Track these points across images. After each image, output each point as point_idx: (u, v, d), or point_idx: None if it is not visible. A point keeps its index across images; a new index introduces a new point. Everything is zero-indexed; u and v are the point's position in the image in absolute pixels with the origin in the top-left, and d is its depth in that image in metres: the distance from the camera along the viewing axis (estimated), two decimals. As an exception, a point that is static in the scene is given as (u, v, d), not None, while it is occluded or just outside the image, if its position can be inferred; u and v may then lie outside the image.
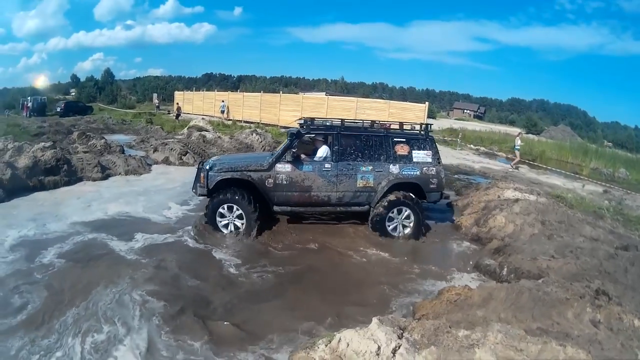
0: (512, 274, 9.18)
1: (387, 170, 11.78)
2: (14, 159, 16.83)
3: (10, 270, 8.81)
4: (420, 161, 12.01)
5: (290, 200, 11.79)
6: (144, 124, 41.77)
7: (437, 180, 12.01)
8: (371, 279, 9.32)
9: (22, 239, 10.48)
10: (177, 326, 7.03)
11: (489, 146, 33.14)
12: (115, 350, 6.38)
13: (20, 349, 6.40)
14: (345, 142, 11.88)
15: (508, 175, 21.43)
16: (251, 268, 9.55)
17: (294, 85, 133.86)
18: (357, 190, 11.78)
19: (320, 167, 11.68)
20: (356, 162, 11.76)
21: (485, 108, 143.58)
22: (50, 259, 9.42)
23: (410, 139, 12.19)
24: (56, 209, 13.07)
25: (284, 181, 11.55)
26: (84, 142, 24.36)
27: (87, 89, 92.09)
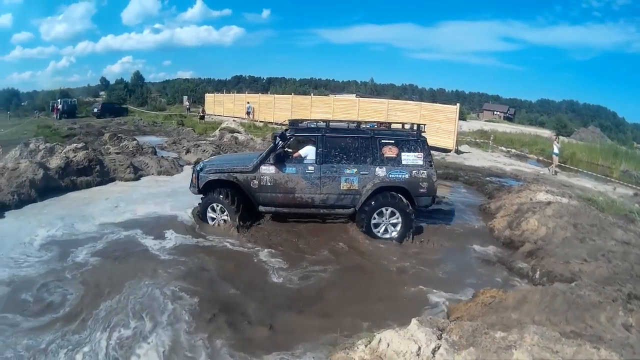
0: (544, 277, 9.20)
1: (373, 173, 11.78)
2: (45, 159, 17.26)
3: (45, 269, 9.22)
4: (409, 164, 11.86)
5: (274, 201, 12.20)
6: (175, 126, 41.99)
7: (427, 184, 11.82)
8: (404, 282, 9.42)
9: (52, 239, 10.93)
10: (205, 326, 7.24)
11: (520, 148, 32.65)
12: (138, 348, 6.63)
13: (50, 342, 6.71)
14: (329, 144, 12.01)
15: (539, 177, 21.25)
16: (291, 269, 9.72)
17: (324, 87, 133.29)
18: (341, 193, 11.91)
19: (303, 170, 11.94)
20: (340, 165, 11.88)
21: (515, 109, 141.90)
22: (83, 258, 9.84)
23: (400, 140, 12.03)
24: (85, 209, 13.51)
25: (268, 182, 11.99)
26: (115, 143, 24.79)
27: (117, 91, 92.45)
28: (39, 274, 9.02)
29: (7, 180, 15.00)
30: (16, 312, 7.55)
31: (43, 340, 6.77)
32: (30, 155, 18.60)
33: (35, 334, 6.93)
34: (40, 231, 11.36)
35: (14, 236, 11.02)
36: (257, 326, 7.38)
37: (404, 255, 10.75)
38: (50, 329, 7.08)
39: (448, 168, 22.17)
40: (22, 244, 10.50)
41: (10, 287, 8.45)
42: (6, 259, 9.62)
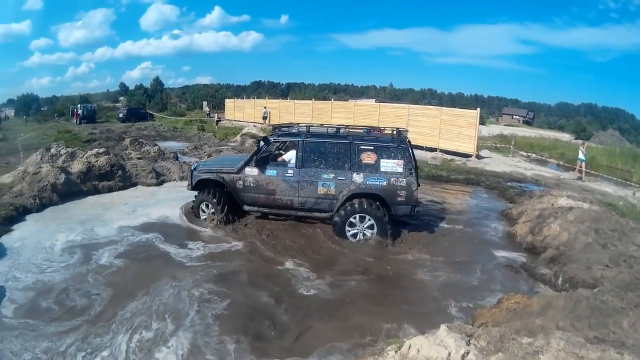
0: (567, 283, 9.21)
1: (350, 179, 11.97)
2: (67, 164, 17.49)
3: (70, 274, 9.44)
4: (388, 171, 11.85)
5: (257, 202, 12.95)
6: (196, 132, 41.95)
7: (406, 192, 11.74)
8: (430, 286, 9.51)
9: (72, 243, 11.17)
10: (226, 329, 7.43)
11: (540, 153, 32.54)
12: (158, 352, 6.79)
13: (70, 345, 6.86)
14: (309, 149, 12.40)
15: (560, 182, 21.26)
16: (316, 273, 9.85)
17: (343, 92, 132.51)
18: (319, 197, 12.28)
19: (283, 173, 12.50)
20: (318, 170, 12.24)
21: (534, 113, 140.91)
22: (106, 261, 10.15)
23: (379, 147, 12.02)
24: (103, 214, 13.82)
25: (251, 184, 12.76)
26: (136, 148, 24.91)
27: (136, 97, 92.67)
28: (63, 278, 9.26)
29: (28, 185, 15.29)
30: (40, 317, 7.74)
31: (63, 343, 6.93)
32: (52, 160, 18.85)
33: (56, 338, 7.09)
34: (60, 236, 11.64)
35: (34, 241, 11.32)
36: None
37: (426, 262, 10.85)
38: (71, 332, 7.25)
39: (469, 173, 22.24)
40: (44, 249, 10.76)
41: (35, 292, 8.64)
42: (29, 265, 9.85)
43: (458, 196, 18.60)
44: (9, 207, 13.66)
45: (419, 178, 12.66)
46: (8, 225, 12.65)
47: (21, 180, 16.53)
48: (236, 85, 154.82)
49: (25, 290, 8.71)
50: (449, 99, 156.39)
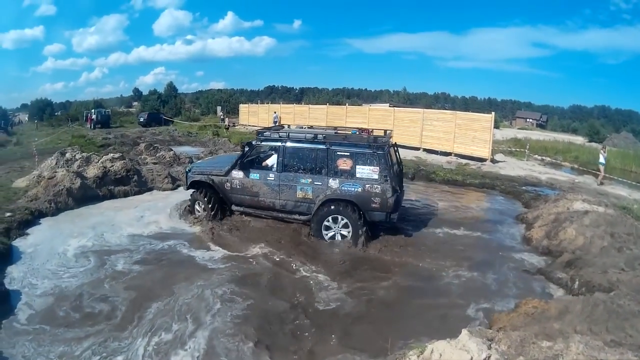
0: (583, 287, 9.19)
1: (327, 184, 12.28)
2: (82, 169, 17.65)
3: (89, 278, 9.67)
4: (364, 177, 11.99)
5: (243, 202, 13.73)
6: (211, 137, 41.92)
7: (380, 199, 11.80)
8: (448, 292, 9.56)
9: (88, 249, 11.41)
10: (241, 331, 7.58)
11: (554, 156, 32.36)
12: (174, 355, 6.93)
13: (86, 349, 6.99)
14: (289, 154, 12.86)
15: (575, 186, 21.14)
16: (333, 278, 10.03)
17: (357, 97, 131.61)
18: (297, 201, 12.73)
19: (265, 176, 13.11)
20: (297, 174, 12.68)
21: (547, 116, 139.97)
22: (123, 267, 10.36)
23: (355, 153, 12.13)
24: (114, 219, 14.03)
25: (238, 186, 13.54)
26: (151, 153, 25.10)
27: (150, 102, 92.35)
28: (80, 283, 9.44)
29: (44, 189, 15.46)
30: (57, 322, 7.86)
31: (80, 347, 7.06)
32: (67, 165, 18.95)
33: (75, 342, 7.21)
34: (72, 241, 11.82)
35: (49, 246, 11.57)
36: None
37: (444, 267, 10.85)
38: (88, 336, 7.38)
39: (484, 178, 22.16)
40: (57, 255, 10.96)
41: (52, 298, 8.79)
42: (44, 271, 10.04)
43: (474, 200, 18.62)
44: (24, 211, 13.87)
45: (403, 181, 13.77)
46: (23, 229, 12.88)
47: (36, 184, 16.74)
48: (250, 90, 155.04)
49: (43, 297, 8.88)
50: (463, 103, 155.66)
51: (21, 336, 7.43)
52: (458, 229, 13.76)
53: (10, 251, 11.23)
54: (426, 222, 14.30)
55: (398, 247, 12.07)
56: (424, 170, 23.56)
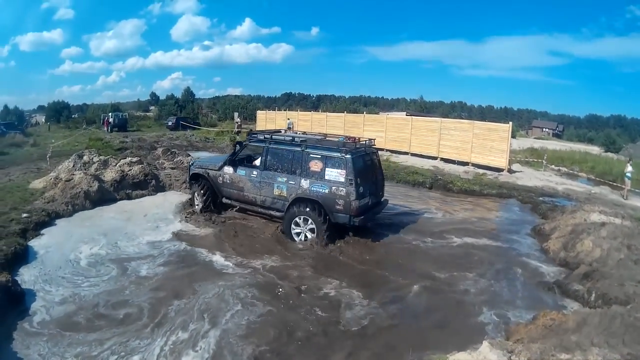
0: (599, 299, 9.17)
1: (299, 183, 13.17)
2: (100, 172, 17.84)
3: (114, 285, 9.74)
4: (332, 179, 12.62)
5: (231, 196, 15.11)
6: (228, 142, 41.88)
7: (344, 201, 12.36)
8: (469, 301, 9.57)
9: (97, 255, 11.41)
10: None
11: (570, 166, 32.17)
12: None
13: (105, 349, 7.11)
14: (271, 154, 13.96)
15: (591, 197, 20.91)
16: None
17: (374, 105, 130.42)
18: (274, 197, 13.79)
19: (249, 173, 14.40)
20: (275, 173, 13.76)
21: (564, 126, 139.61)
22: (145, 273, 10.45)
23: (325, 156, 12.84)
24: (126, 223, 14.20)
25: (227, 180, 14.98)
26: (169, 158, 25.22)
27: (167, 106, 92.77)
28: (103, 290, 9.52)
29: (61, 191, 15.65)
30: (76, 328, 7.91)
31: (99, 348, 7.17)
32: (84, 167, 19.12)
33: (96, 343, 7.35)
34: (84, 247, 11.87)
35: (64, 250, 11.65)
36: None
37: (462, 278, 10.89)
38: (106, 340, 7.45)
39: (502, 188, 22.09)
40: (68, 261, 10.96)
41: (74, 305, 8.80)
42: (71, 278, 10.08)
43: (492, 211, 18.73)
44: (41, 212, 14.05)
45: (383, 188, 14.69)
46: (38, 229, 13.08)
47: (53, 186, 16.91)
48: (267, 97, 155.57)
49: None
50: (479, 112, 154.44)
51: (38, 337, 7.59)
52: (477, 239, 13.88)
53: (27, 251, 11.43)
54: (446, 232, 14.41)
55: (419, 257, 12.28)
56: (442, 180, 23.57)
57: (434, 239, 13.77)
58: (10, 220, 13.06)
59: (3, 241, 11.33)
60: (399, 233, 14.25)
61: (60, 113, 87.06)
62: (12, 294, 8.75)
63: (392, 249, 12.99)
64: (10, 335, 7.59)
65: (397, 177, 24.33)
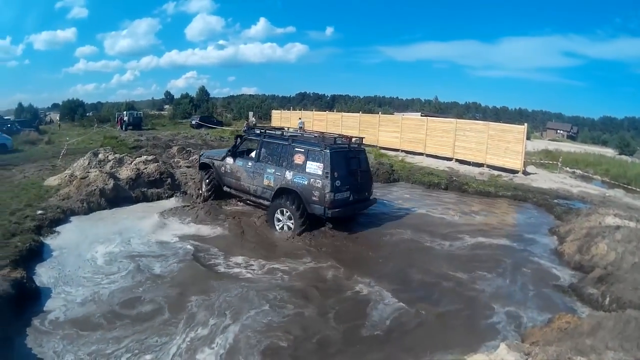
0: (614, 303, 9.14)
1: (284, 175, 14.02)
2: (115, 170, 17.90)
3: (130, 282, 9.73)
4: (311, 172, 13.32)
5: (231, 185, 16.35)
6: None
7: (319, 193, 12.99)
8: (484, 302, 9.57)
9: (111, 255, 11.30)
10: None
11: (585, 169, 31.90)
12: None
13: (119, 348, 7.10)
14: (264, 147, 15.06)
15: (605, 200, 20.83)
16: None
17: (388, 105, 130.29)
18: (264, 187, 14.72)
19: (245, 164, 15.56)
20: (266, 164, 14.74)
21: (578, 128, 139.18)
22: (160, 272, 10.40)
23: (308, 150, 13.61)
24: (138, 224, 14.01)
25: (228, 170, 16.23)
26: (184, 157, 25.31)
27: (182, 105, 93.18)
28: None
29: (76, 189, 15.70)
30: (96, 327, 7.84)
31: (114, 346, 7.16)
32: (100, 165, 19.17)
33: (113, 340, 7.33)
34: (99, 248, 11.74)
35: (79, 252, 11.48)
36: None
37: (478, 280, 10.86)
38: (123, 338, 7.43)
39: (517, 190, 22.01)
40: (85, 261, 10.88)
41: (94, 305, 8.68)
42: (87, 275, 10.03)
43: (507, 213, 18.79)
44: (56, 209, 14.09)
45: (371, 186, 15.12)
46: (53, 226, 13.13)
47: (68, 183, 16.97)
48: (281, 97, 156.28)
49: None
50: (493, 113, 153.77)
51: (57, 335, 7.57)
52: (492, 240, 13.94)
53: (42, 248, 11.45)
54: (461, 233, 14.48)
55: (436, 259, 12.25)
56: (457, 182, 23.58)
57: (449, 240, 13.77)
58: (25, 217, 13.10)
59: (18, 237, 11.37)
60: (418, 232, 14.32)
61: (74, 111, 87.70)
62: (27, 291, 8.77)
63: (406, 248, 13.06)
64: (24, 331, 7.61)
65: (412, 178, 24.37)
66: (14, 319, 7.85)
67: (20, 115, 78.48)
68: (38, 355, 6.94)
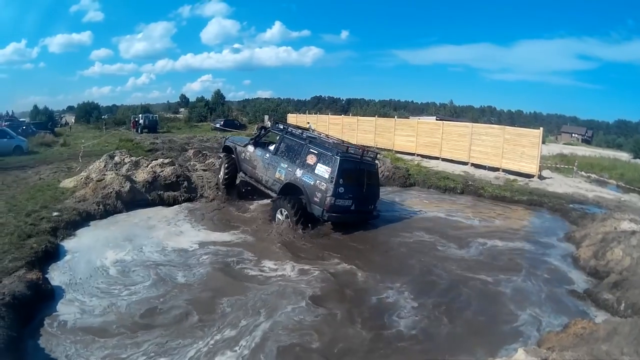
0: (629, 309, 9.11)
1: (294, 172, 14.69)
2: (131, 172, 17.98)
3: (159, 290, 9.63)
4: (319, 174, 13.87)
5: (247, 172, 17.39)
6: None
7: (321, 195, 13.60)
8: (502, 306, 9.63)
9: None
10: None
11: (600, 173, 31.73)
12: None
13: (140, 351, 7.14)
14: (283, 142, 15.80)
15: (621, 205, 20.65)
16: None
17: (403, 109, 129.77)
18: (275, 180, 15.47)
19: (263, 155, 16.33)
20: (282, 159, 15.45)
21: (593, 131, 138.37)
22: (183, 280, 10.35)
23: (320, 153, 14.22)
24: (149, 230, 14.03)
25: (247, 157, 17.18)
26: (200, 160, 25.22)
27: (197, 108, 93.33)
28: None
29: (92, 191, 15.79)
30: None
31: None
32: (116, 168, 19.22)
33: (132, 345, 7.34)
34: (114, 253, 11.71)
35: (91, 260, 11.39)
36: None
37: (494, 283, 10.88)
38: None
39: (532, 194, 21.93)
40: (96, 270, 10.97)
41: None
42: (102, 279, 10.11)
43: (523, 218, 18.82)
44: (72, 211, 14.13)
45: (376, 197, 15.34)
46: (71, 229, 13.18)
47: (84, 185, 17.10)
48: (297, 100, 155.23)
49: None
50: (508, 117, 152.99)
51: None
52: (509, 244, 14.01)
53: (59, 251, 11.54)
54: (478, 236, 14.58)
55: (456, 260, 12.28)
56: (472, 186, 23.55)
57: (467, 243, 13.90)
58: (40, 219, 13.20)
59: (34, 239, 11.47)
60: (438, 235, 14.46)
61: (90, 114, 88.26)
62: (43, 292, 8.84)
63: (426, 251, 13.15)
64: (39, 333, 7.67)
65: (428, 182, 24.38)
66: (29, 319, 7.97)
67: (35, 118, 78.59)
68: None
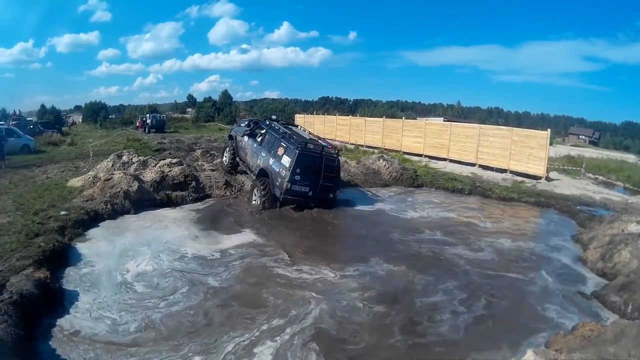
0: (636, 311, 9.12)
1: (268, 160, 17.56)
2: (139, 172, 18.05)
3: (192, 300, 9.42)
4: (283, 163, 16.57)
5: (241, 157, 20.81)
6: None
7: (281, 180, 16.50)
8: (509, 308, 9.72)
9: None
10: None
11: (607, 175, 31.21)
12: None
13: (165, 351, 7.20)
14: (267, 134, 18.80)
15: (628, 207, 20.40)
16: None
17: (411, 110, 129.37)
18: (256, 166, 18.51)
19: (252, 144, 19.49)
20: (263, 149, 18.48)
21: (600, 133, 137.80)
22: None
23: (287, 146, 16.88)
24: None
25: (242, 145, 20.65)
26: (208, 160, 25.32)
27: (205, 109, 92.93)
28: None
29: (100, 190, 15.81)
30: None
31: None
32: (123, 167, 19.33)
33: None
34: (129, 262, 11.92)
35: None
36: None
37: (504, 288, 10.89)
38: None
39: (540, 196, 21.97)
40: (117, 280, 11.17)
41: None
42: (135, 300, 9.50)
43: (531, 219, 18.89)
44: (80, 210, 14.19)
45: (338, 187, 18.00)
46: (80, 229, 13.20)
47: (92, 185, 17.16)
48: (304, 101, 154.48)
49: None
50: (515, 118, 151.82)
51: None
52: (516, 246, 14.04)
53: (67, 250, 11.56)
54: (487, 237, 14.73)
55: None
56: (480, 187, 23.63)
57: (477, 244, 13.98)
58: (48, 218, 13.26)
59: (41, 238, 11.50)
60: (445, 237, 14.56)
61: (97, 113, 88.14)
62: (51, 292, 8.87)
63: (440, 251, 13.21)
64: (49, 334, 7.70)
65: (436, 183, 24.44)
66: (37, 318, 7.99)
67: (42, 117, 78.48)
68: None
